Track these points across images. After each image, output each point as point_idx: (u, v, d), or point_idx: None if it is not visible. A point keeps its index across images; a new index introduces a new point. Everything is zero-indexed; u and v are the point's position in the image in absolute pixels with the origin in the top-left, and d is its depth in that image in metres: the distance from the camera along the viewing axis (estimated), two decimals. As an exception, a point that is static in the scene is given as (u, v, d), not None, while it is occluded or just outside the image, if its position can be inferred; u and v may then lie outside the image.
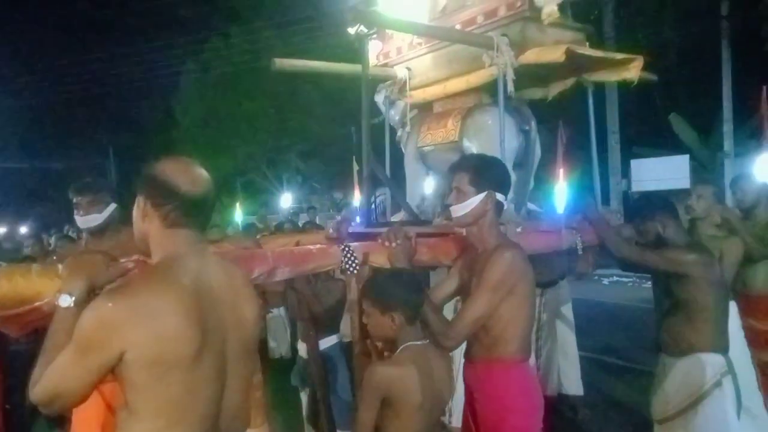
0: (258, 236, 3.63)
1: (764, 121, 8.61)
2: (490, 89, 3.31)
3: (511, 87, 2.89)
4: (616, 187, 16.11)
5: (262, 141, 19.00)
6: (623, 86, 3.60)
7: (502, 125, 2.95)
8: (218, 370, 1.46)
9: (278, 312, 5.98)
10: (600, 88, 3.59)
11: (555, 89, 3.58)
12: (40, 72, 19.93)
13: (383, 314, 1.96)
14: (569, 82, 3.48)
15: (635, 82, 3.12)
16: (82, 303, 1.49)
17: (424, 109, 3.69)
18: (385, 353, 2.07)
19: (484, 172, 2.20)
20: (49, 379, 1.35)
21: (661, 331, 2.93)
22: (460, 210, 2.21)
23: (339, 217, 4.78)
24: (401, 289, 2.01)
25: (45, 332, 1.49)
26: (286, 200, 19.51)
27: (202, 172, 1.53)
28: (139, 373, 1.34)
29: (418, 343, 1.98)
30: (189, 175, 1.50)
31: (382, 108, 3.74)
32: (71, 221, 2.83)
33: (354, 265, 2.32)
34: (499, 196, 2.20)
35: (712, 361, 2.73)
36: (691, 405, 2.74)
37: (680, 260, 2.76)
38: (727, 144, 14.78)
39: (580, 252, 3.01)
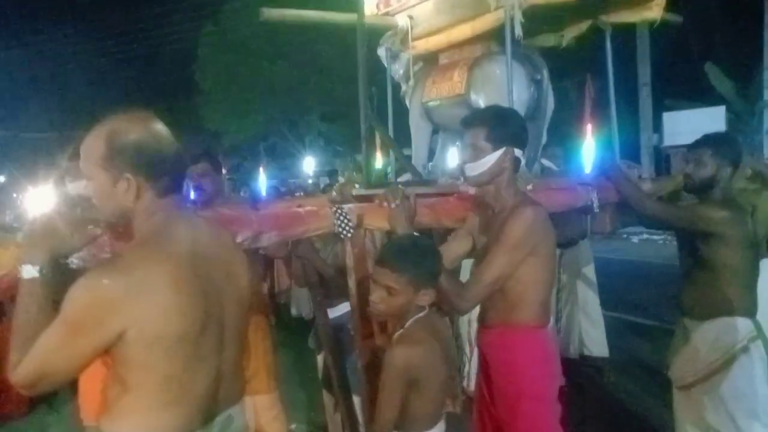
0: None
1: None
2: (498, 36, 3.06)
3: (519, 30, 2.64)
4: (647, 143, 15.51)
5: (284, 104, 18.78)
6: (655, 34, 3.31)
7: (510, 74, 2.72)
8: (219, 341, 1.39)
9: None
10: (631, 36, 3.30)
11: (569, 34, 3.30)
12: (59, 41, 19.96)
13: (416, 292, 1.79)
14: (584, 25, 3.20)
15: (657, 23, 2.84)
16: (49, 272, 1.38)
17: (429, 61, 3.45)
18: (394, 328, 1.92)
19: (502, 126, 2.05)
20: (34, 360, 1.26)
21: (683, 293, 2.75)
22: (476, 168, 2.06)
23: (343, 180, 4.62)
24: (434, 261, 1.85)
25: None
26: (308, 164, 19.43)
27: (165, 126, 1.42)
28: (140, 351, 1.26)
29: (423, 314, 1.84)
30: (163, 134, 1.39)
31: (385, 62, 3.52)
32: None
33: (348, 227, 2.17)
34: (517, 152, 2.05)
35: (739, 326, 2.54)
36: (716, 371, 2.56)
37: (709, 217, 2.54)
38: (767, 93, 14.04)
39: (596, 210, 2.82)
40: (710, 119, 13.49)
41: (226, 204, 2.90)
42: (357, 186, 3.28)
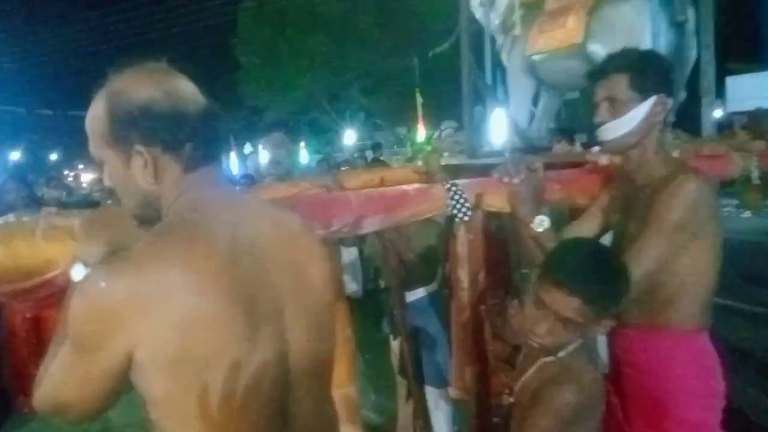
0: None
1: None
2: (624, -29, 2.53)
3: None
4: (707, 110, 14.63)
5: (323, 78, 18.44)
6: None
7: (655, 15, 2.20)
8: (279, 360, 0.97)
9: (352, 251, 5.55)
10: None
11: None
12: (100, 18, 19.97)
13: (596, 319, 1.38)
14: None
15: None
16: None
17: (535, 6, 2.92)
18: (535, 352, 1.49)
19: (648, 69, 1.57)
20: (48, 384, 0.97)
21: None
22: (620, 127, 1.57)
23: (430, 149, 4.17)
24: (628, 281, 1.43)
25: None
26: (349, 138, 19.14)
27: (187, 80, 1.04)
28: (160, 379, 0.90)
29: (581, 341, 1.44)
30: (180, 88, 1.01)
31: (478, 12, 3.00)
32: None
33: (465, 209, 1.74)
34: (669, 102, 1.58)
35: None
36: None
37: None
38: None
39: (756, 181, 2.31)
40: (778, 83, 12.55)
41: (304, 179, 2.51)
42: (445, 155, 2.83)
